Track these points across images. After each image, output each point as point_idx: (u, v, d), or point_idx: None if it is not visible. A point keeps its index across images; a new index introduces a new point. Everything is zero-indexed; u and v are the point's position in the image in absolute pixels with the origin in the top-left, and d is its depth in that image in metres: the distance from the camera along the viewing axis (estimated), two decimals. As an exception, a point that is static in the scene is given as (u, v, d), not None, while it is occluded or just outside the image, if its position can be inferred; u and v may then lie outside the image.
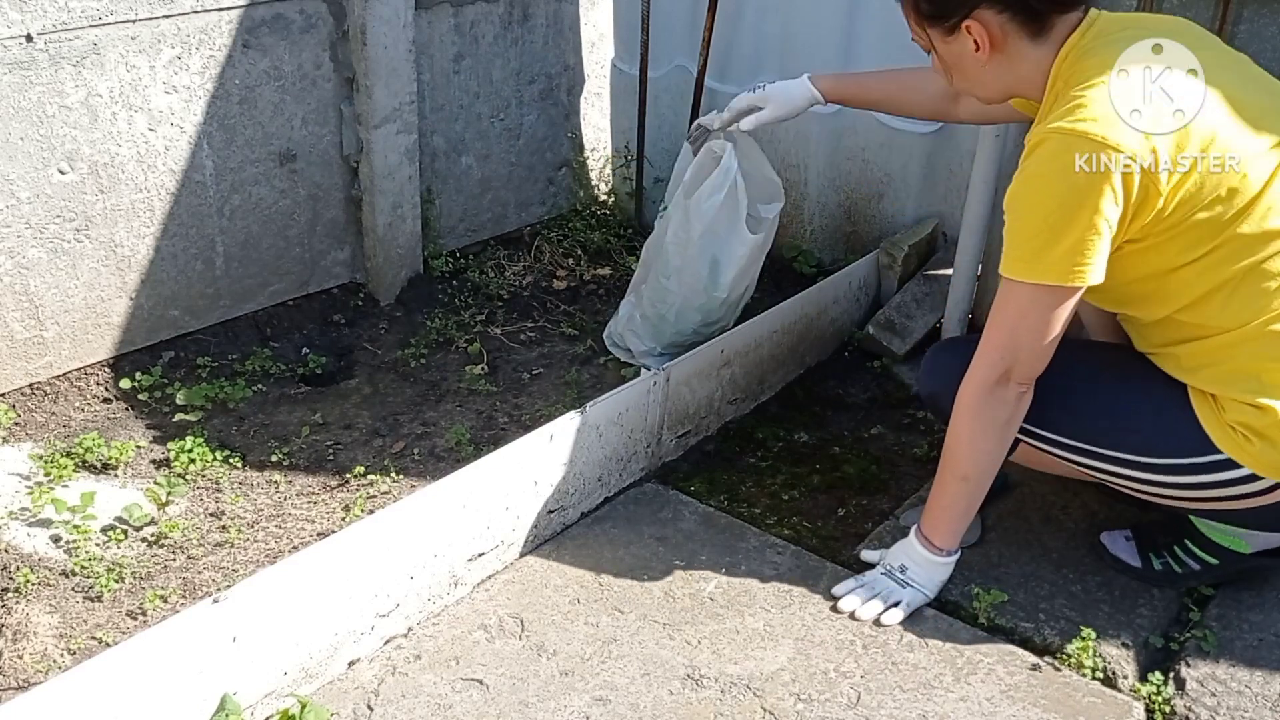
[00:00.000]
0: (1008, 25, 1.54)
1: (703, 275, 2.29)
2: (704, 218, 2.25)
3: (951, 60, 1.62)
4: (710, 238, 2.27)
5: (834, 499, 2.11)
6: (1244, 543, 1.77)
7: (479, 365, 2.51)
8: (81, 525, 1.89)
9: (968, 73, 1.62)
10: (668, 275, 2.33)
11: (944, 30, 1.58)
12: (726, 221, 2.25)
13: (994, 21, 1.54)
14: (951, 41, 1.59)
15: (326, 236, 2.64)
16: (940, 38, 1.60)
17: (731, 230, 2.26)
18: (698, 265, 2.29)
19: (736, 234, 2.27)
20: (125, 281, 2.31)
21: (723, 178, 2.22)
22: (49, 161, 2.12)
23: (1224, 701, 1.61)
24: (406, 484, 2.08)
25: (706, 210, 2.24)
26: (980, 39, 1.55)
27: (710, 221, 2.25)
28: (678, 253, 2.30)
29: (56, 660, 1.63)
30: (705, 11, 2.75)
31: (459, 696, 1.57)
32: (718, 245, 2.27)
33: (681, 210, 2.29)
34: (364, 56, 2.46)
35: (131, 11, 2.13)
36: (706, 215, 2.25)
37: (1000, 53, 1.56)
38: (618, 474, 2.04)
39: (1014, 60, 1.57)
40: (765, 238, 2.32)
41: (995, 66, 1.58)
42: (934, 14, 1.58)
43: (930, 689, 1.62)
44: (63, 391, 2.26)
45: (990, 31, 1.54)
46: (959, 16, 1.54)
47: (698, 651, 1.68)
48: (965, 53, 1.58)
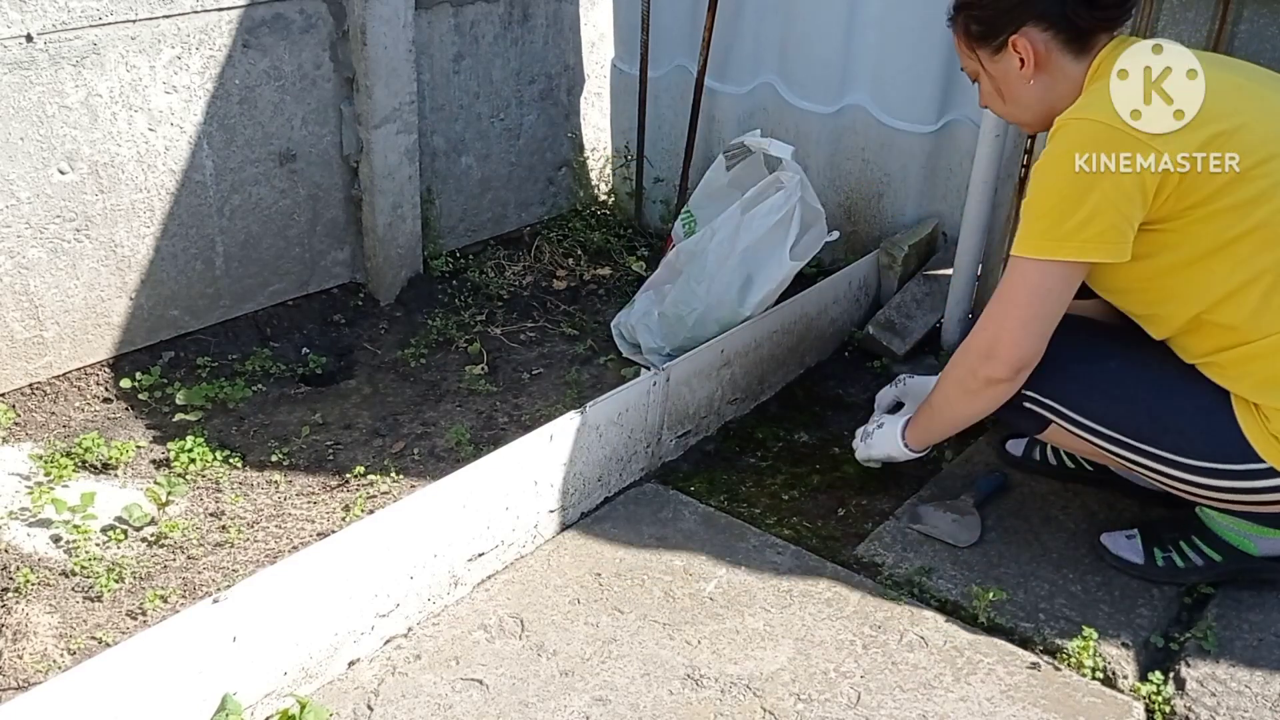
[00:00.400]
0: (1051, 42, 1.61)
1: (733, 289, 2.32)
2: (753, 235, 2.29)
3: (998, 80, 1.69)
4: (751, 254, 2.30)
5: (834, 499, 2.11)
6: (1252, 545, 1.77)
7: (479, 365, 2.51)
8: (81, 525, 1.89)
9: (1014, 94, 1.68)
10: (700, 280, 2.35)
11: (991, 50, 1.66)
12: (772, 245, 2.29)
13: (1039, 39, 1.61)
14: (999, 60, 1.66)
15: (326, 236, 2.64)
16: (988, 58, 1.68)
17: (773, 253, 2.29)
18: (732, 278, 2.31)
19: (776, 258, 2.29)
20: (125, 281, 2.31)
21: (784, 201, 2.27)
22: (49, 161, 2.12)
23: (1224, 701, 1.61)
24: (406, 484, 2.08)
25: (758, 229, 2.28)
26: (1025, 55, 1.62)
27: (757, 240, 2.29)
28: (716, 262, 2.33)
29: (56, 660, 1.63)
30: (705, 11, 2.75)
31: (459, 696, 1.57)
32: (756, 264, 2.30)
33: (734, 223, 2.32)
34: (364, 56, 2.46)
35: (131, 11, 2.13)
36: (757, 233, 2.28)
37: (1043, 71, 1.63)
38: (618, 474, 2.04)
39: (1055, 78, 1.64)
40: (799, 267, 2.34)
41: (1038, 85, 1.65)
42: (983, 34, 1.66)
43: (930, 689, 1.62)
44: (63, 391, 2.26)
45: (1035, 48, 1.61)
46: (1007, 33, 1.62)
47: (698, 651, 1.68)
48: (1011, 70, 1.65)
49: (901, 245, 2.66)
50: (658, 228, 3.12)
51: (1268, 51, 2.05)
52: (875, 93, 2.67)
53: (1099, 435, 1.74)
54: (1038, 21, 1.60)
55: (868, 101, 2.69)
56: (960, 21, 1.70)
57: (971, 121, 2.56)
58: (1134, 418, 1.70)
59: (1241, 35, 2.07)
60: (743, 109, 2.88)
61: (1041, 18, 1.59)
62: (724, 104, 2.91)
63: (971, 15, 1.67)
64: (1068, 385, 1.73)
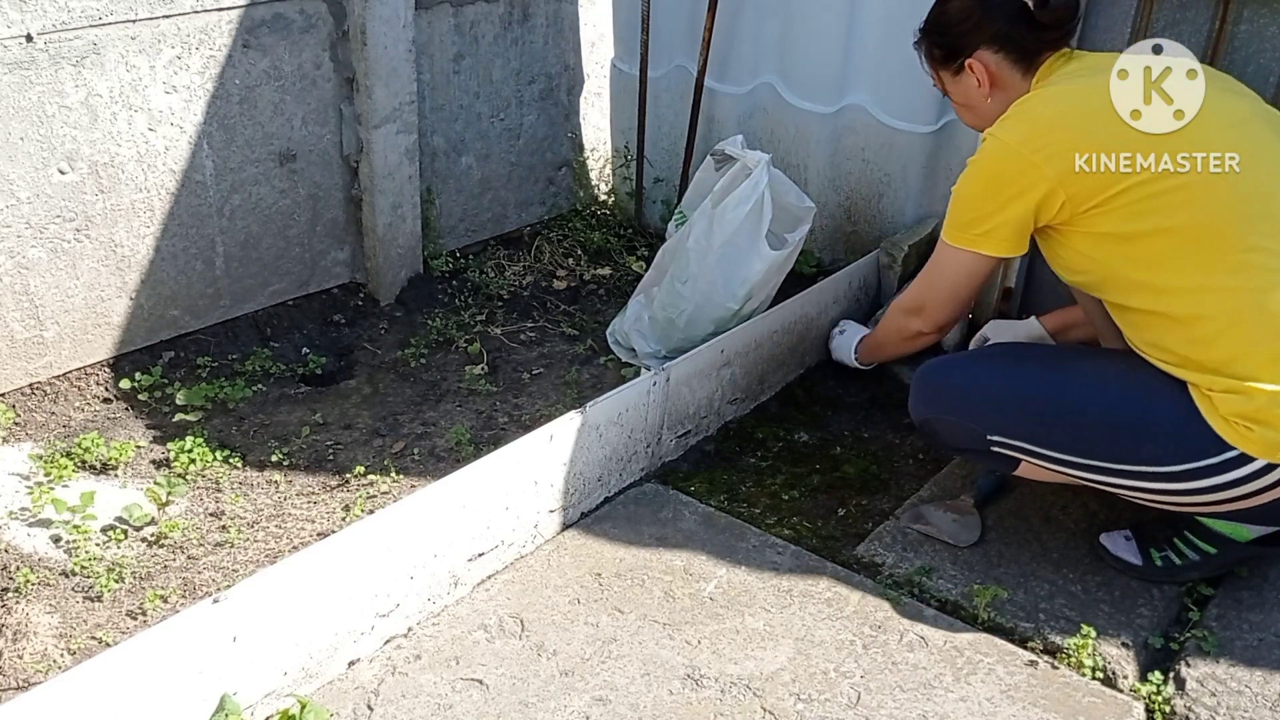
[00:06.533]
0: (1003, 63, 1.80)
1: (719, 285, 2.31)
2: (727, 229, 2.27)
3: (961, 97, 1.89)
4: (730, 249, 2.28)
5: (834, 499, 2.11)
6: (1245, 530, 1.77)
7: (479, 365, 2.51)
8: (81, 525, 1.89)
9: (975, 108, 1.87)
10: (684, 280, 2.34)
11: (951, 72, 1.87)
12: (748, 235, 2.28)
13: (991, 60, 1.80)
14: (959, 80, 1.86)
15: (326, 236, 2.64)
16: (949, 78, 1.88)
17: (752, 244, 2.28)
18: (715, 274, 2.30)
19: (756, 249, 2.28)
20: (125, 281, 2.31)
21: (750, 190, 2.25)
22: (49, 161, 2.12)
23: (1224, 701, 1.61)
24: (406, 484, 2.08)
25: (730, 221, 2.27)
26: (980, 76, 1.81)
27: (732, 233, 2.27)
28: (697, 260, 2.32)
29: (56, 660, 1.63)
30: (705, 11, 2.75)
31: (459, 696, 1.57)
32: (737, 257, 2.29)
33: (706, 218, 2.31)
34: (364, 56, 2.46)
35: (131, 11, 2.13)
36: (729, 226, 2.27)
37: (998, 88, 1.82)
38: (618, 474, 2.04)
39: (1008, 92, 1.81)
40: (786, 257, 2.33)
41: (995, 100, 1.82)
42: (943, 57, 1.86)
43: (930, 689, 1.62)
44: (63, 391, 2.26)
45: (989, 69, 1.80)
46: (963, 57, 1.82)
47: (698, 651, 1.68)
48: (970, 88, 1.85)
49: (901, 245, 2.66)
50: (658, 228, 3.12)
51: (1268, 51, 2.05)
52: (875, 93, 2.67)
53: (1071, 465, 1.75)
54: (989, 44, 1.78)
55: (868, 101, 2.69)
56: (925, 45, 1.89)
57: (971, 121, 2.56)
58: (1101, 439, 1.71)
59: (1241, 35, 2.07)
60: (743, 109, 2.88)
61: (993, 40, 1.78)
62: (724, 104, 2.91)
63: (933, 41, 1.87)
64: (1025, 421, 1.76)
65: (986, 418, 1.80)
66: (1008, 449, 1.80)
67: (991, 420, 1.79)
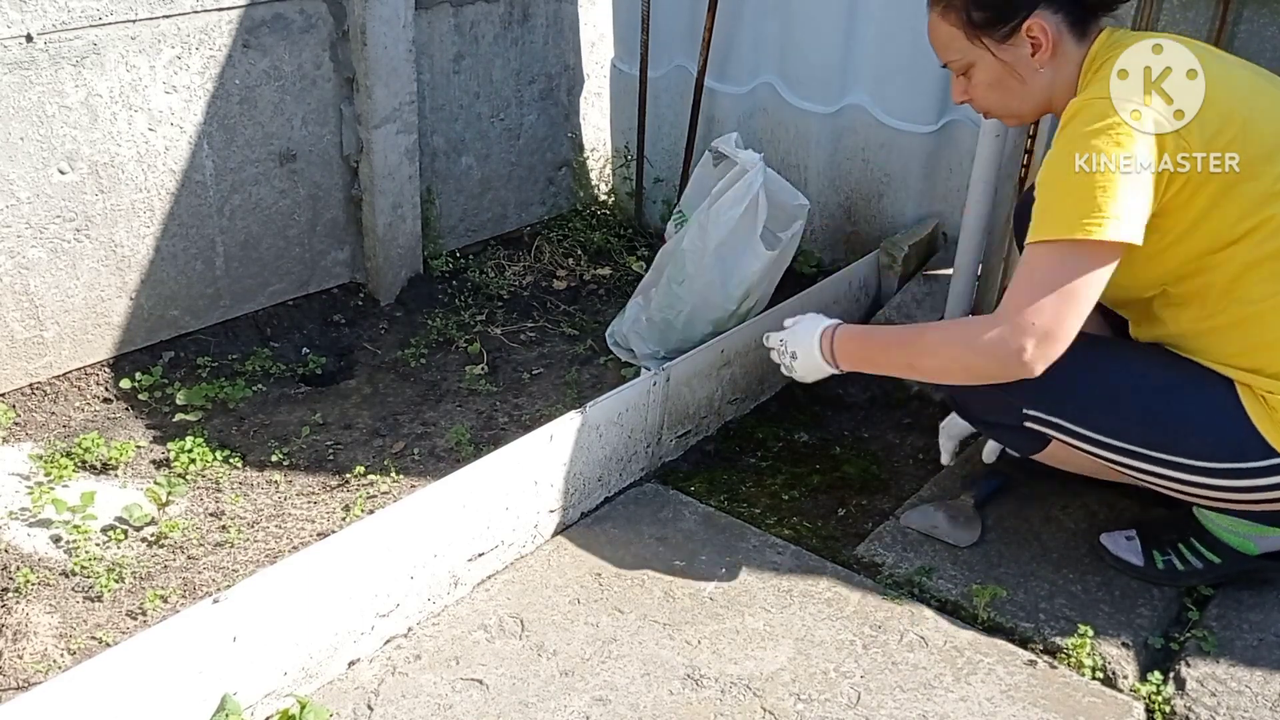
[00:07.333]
0: (1062, 24, 1.58)
1: (715, 286, 2.31)
2: (721, 229, 2.27)
3: (998, 73, 1.63)
4: (726, 249, 2.29)
5: (834, 499, 2.11)
6: (1252, 545, 1.77)
7: (479, 365, 2.51)
8: (81, 525, 1.89)
9: (1020, 83, 1.63)
10: (680, 281, 2.34)
11: (999, 38, 1.60)
12: (743, 235, 2.28)
13: (1052, 21, 1.57)
14: (1007, 48, 1.60)
15: (326, 236, 2.64)
16: (996, 45, 1.61)
17: (747, 244, 2.28)
18: (711, 275, 2.30)
19: (752, 248, 2.28)
20: (125, 281, 2.31)
21: (744, 191, 2.25)
22: (49, 161, 2.12)
23: (1224, 701, 1.61)
24: (406, 484, 2.08)
25: (725, 222, 2.27)
26: (1041, 39, 1.57)
27: (727, 233, 2.27)
28: (693, 261, 2.32)
29: (56, 660, 1.63)
30: (705, 11, 2.75)
31: (459, 696, 1.57)
32: (733, 257, 2.29)
33: (701, 219, 2.31)
34: (364, 56, 2.46)
35: (131, 11, 2.13)
36: (724, 227, 2.27)
37: (1055, 56, 1.59)
38: (618, 474, 2.04)
39: (1061, 62, 1.60)
40: (781, 255, 2.33)
41: (1047, 71, 1.61)
42: (989, 20, 1.59)
43: (930, 689, 1.62)
44: (63, 391, 2.26)
45: (1049, 31, 1.57)
46: (1020, 18, 1.57)
47: (698, 651, 1.68)
48: (1021, 58, 1.60)
49: (901, 245, 2.66)
50: (658, 228, 3.12)
51: (1268, 51, 2.05)
52: (875, 93, 2.67)
53: (1107, 448, 1.70)
54: (1049, 3, 1.57)
55: (868, 101, 2.69)
56: (955, 10, 1.61)
57: (971, 121, 2.56)
58: (1144, 426, 1.66)
59: (1241, 35, 2.07)
60: (743, 109, 2.88)
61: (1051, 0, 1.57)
62: (724, 104, 2.91)
63: (974, 2, 1.59)
64: (1070, 399, 1.70)
65: (1027, 390, 1.63)
66: (1042, 424, 1.74)
67: (1031, 393, 1.65)
